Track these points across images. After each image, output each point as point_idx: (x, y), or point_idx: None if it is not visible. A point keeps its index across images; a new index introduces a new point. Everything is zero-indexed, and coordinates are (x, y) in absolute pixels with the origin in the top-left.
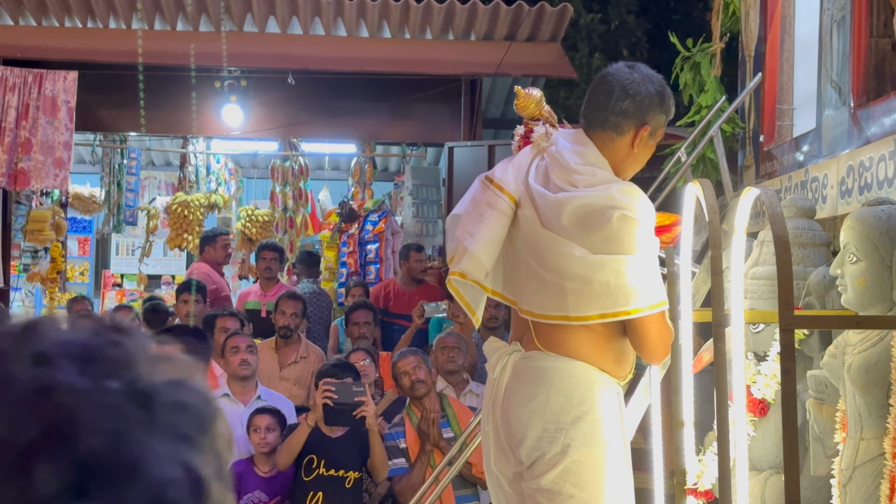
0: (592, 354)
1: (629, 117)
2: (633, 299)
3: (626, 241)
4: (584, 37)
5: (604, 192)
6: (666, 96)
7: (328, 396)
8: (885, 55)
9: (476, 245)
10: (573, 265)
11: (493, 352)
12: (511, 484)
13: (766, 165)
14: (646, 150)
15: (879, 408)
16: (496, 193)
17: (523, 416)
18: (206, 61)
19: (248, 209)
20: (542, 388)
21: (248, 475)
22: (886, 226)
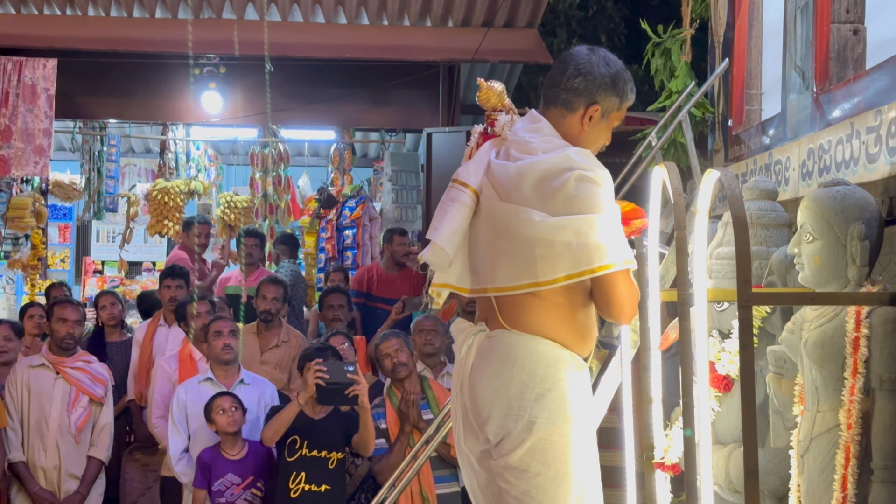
0: (555, 331)
1: (579, 94)
2: (598, 257)
3: (584, 201)
4: (563, 22)
5: (560, 154)
6: (620, 80)
7: (320, 376)
8: (847, 41)
9: (439, 236)
10: (534, 230)
11: (459, 332)
12: (480, 462)
13: (735, 149)
14: (598, 132)
15: (835, 381)
16: (458, 189)
17: (488, 395)
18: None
19: (228, 195)
20: (506, 367)
21: (217, 460)
22: (841, 206)
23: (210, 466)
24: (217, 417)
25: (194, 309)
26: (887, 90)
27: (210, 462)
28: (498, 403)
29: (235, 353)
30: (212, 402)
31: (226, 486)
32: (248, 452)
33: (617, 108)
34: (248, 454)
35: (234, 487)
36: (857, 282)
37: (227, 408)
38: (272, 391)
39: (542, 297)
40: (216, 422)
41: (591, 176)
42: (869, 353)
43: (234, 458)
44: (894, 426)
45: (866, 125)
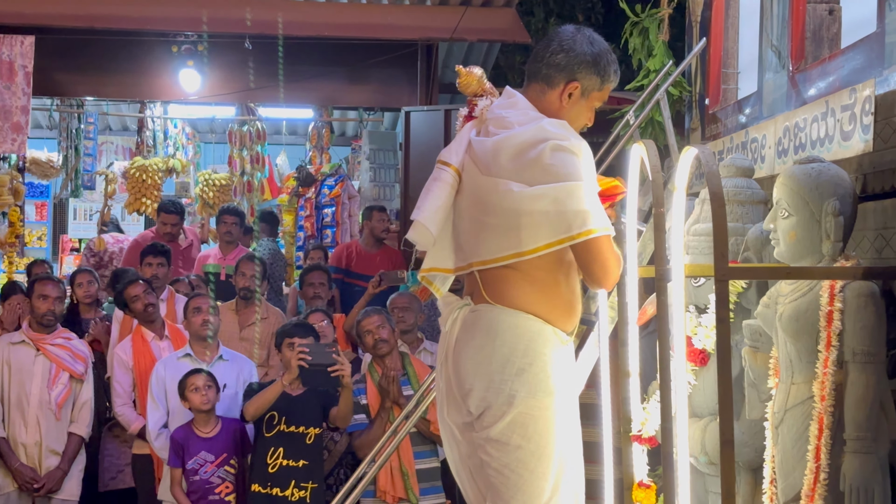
0: (538, 306)
1: (560, 70)
2: (577, 223)
3: (560, 169)
4: (540, 1)
5: (535, 126)
6: (602, 60)
7: (303, 358)
8: (823, 20)
9: (422, 214)
10: (514, 201)
11: (445, 306)
12: (462, 433)
13: (712, 128)
14: (577, 110)
15: (809, 354)
16: (441, 168)
17: (471, 368)
18: (163, 25)
19: (206, 173)
20: (489, 340)
21: (190, 439)
22: (816, 182)
23: (183, 445)
24: (191, 395)
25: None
26: (861, 69)
27: (183, 441)
28: (480, 377)
29: (215, 330)
30: (186, 379)
31: (199, 464)
32: (221, 430)
33: (598, 87)
34: (221, 431)
35: (207, 465)
36: (831, 257)
37: (201, 386)
38: (251, 368)
39: (525, 272)
40: (190, 399)
41: (566, 145)
42: (842, 327)
43: (207, 435)
44: (866, 398)
45: (841, 103)
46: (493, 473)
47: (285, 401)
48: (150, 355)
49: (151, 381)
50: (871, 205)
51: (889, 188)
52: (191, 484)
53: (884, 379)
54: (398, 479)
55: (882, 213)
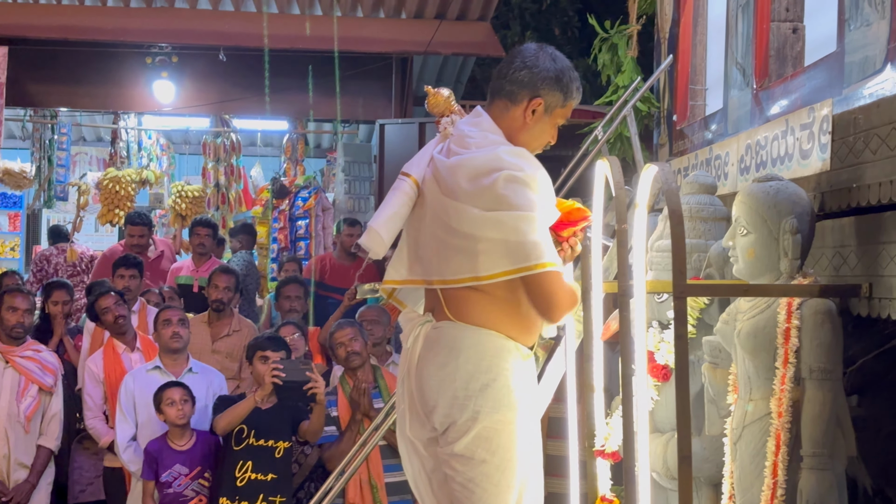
0: (500, 323)
1: (523, 87)
2: (535, 255)
3: (513, 200)
4: (517, 15)
5: (491, 153)
6: (565, 77)
7: (277, 375)
8: (787, 39)
9: (376, 221)
10: (472, 226)
11: (407, 322)
12: (427, 448)
13: (679, 144)
14: (541, 127)
15: (766, 371)
16: (401, 178)
17: (434, 385)
18: (138, 37)
19: (179, 185)
20: (452, 357)
21: (164, 451)
22: (774, 200)
23: (157, 458)
24: (166, 409)
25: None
26: (822, 88)
27: (157, 453)
28: (444, 393)
29: (184, 342)
30: (162, 392)
31: (174, 477)
32: (196, 443)
33: (561, 104)
34: (196, 444)
35: (182, 478)
36: (789, 274)
37: (177, 400)
38: (220, 380)
39: (486, 291)
40: (165, 413)
41: (521, 176)
42: (799, 344)
43: (182, 448)
44: (823, 415)
45: (800, 122)
46: (457, 488)
47: (255, 414)
48: (121, 367)
49: (120, 394)
50: (828, 223)
51: (846, 207)
52: (164, 497)
53: (840, 396)
54: (367, 491)
55: (839, 231)
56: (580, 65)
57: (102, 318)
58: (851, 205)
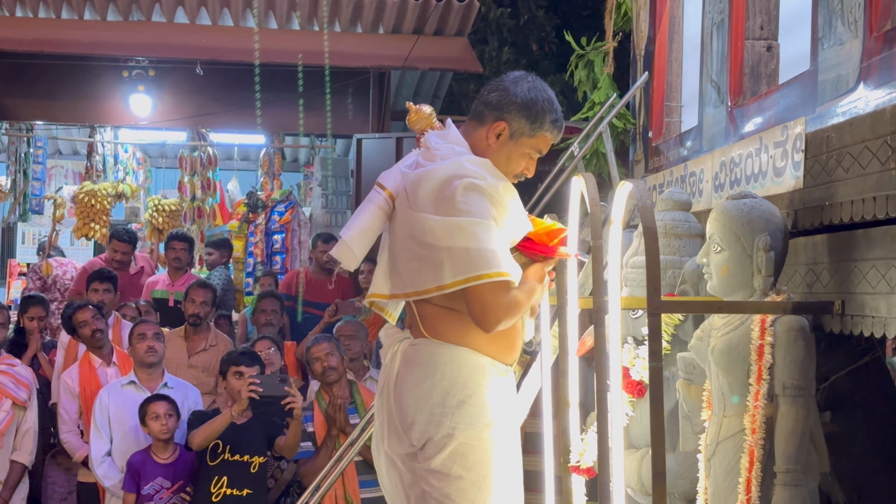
0: (476, 341)
1: (491, 108)
2: (494, 263)
3: (471, 207)
4: (494, 31)
5: (454, 161)
6: (536, 107)
7: (254, 389)
8: (761, 56)
9: (348, 234)
10: (434, 235)
11: (386, 338)
12: (405, 463)
13: (655, 160)
14: (507, 153)
15: (740, 387)
16: (376, 190)
17: (412, 401)
18: (114, 50)
19: (156, 199)
20: (428, 374)
21: (147, 464)
22: (748, 218)
23: (139, 470)
24: (151, 423)
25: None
26: (795, 106)
27: (140, 466)
28: (421, 410)
29: (160, 356)
30: (147, 405)
31: (155, 490)
32: (179, 456)
33: (528, 133)
34: (179, 458)
35: (163, 491)
36: (762, 291)
37: (162, 414)
38: (196, 395)
39: (461, 309)
40: (149, 426)
41: (481, 185)
42: (773, 361)
43: (165, 461)
44: (796, 431)
45: (774, 140)
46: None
47: (230, 429)
48: (96, 382)
49: (95, 409)
50: (802, 240)
51: (819, 224)
52: None
53: (814, 412)
54: None
55: (812, 248)
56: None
57: (79, 331)
58: (824, 222)
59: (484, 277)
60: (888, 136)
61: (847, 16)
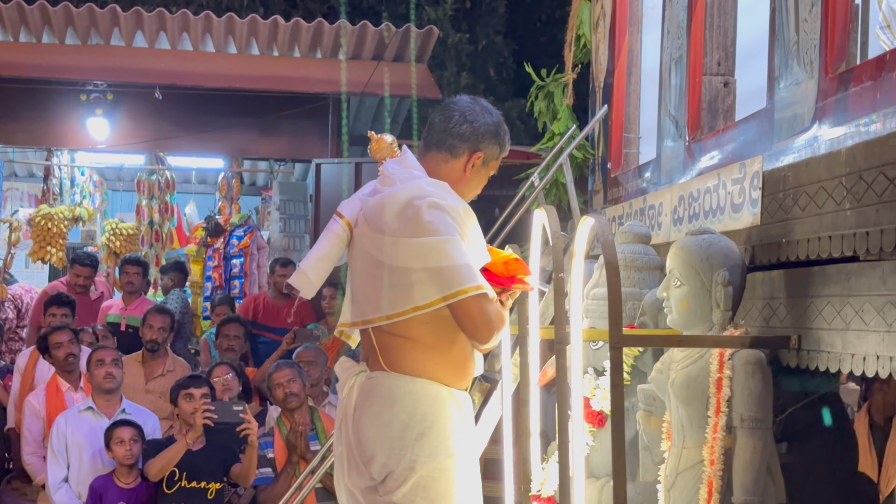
0: (433, 370)
1: (465, 141)
2: (469, 279)
3: (437, 226)
4: (452, 56)
5: (413, 184)
6: (501, 129)
7: (209, 416)
8: (718, 92)
9: (306, 262)
10: (402, 258)
11: (342, 371)
12: (365, 496)
13: (613, 191)
14: (478, 178)
15: (699, 419)
16: (334, 219)
17: (371, 435)
18: (72, 74)
19: (113, 223)
20: (387, 407)
21: (109, 489)
22: (707, 253)
23: (101, 494)
24: (115, 447)
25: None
26: (752, 143)
27: (102, 490)
28: (381, 443)
29: (118, 383)
30: (112, 430)
31: None
32: (142, 482)
33: (496, 156)
34: (141, 483)
35: None
36: (721, 325)
37: (126, 439)
38: (154, 421)
39: (417, 338)
40: (114, 451)
41: (443, 204)
42: (731, 393)
43: (128, 486)
44: (754, 462)
45: (732, 177)
46: None
47: (186, 455)
48: (62, 405)
49: (52, 435)
50: (759, 275)
51: (776, 260)
52: None
53: (771, 444)
54: None
55: (770, 283)
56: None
57: (53, 352)
58: (781, 259)
59: (464, 292)
60: (843, 177)
61: (803, 56)
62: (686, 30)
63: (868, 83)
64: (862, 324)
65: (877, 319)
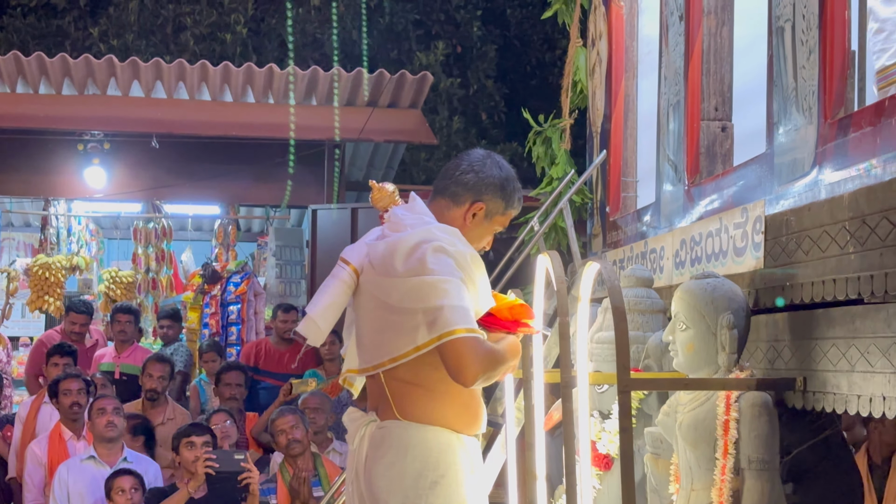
0: (443, 417)
1: (468, 189)
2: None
3: (441, 268)
4: (445, 100)
5: (424, 228)
6: (509, 186)
7: (210, 465)
8: (716, 137)
9: (314, 309)
10: (408, 299)
11: (351, 422)
12: None
13: (612, 234)
14: (480, 231)
15: (707, 461)
16: (340, 266)
17: (384, 485)
18: (69, 124)
19: (112, 271)
20: (399, 457)
21: None
22: (711, 297)
23: None
24: (116, 497)
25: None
26: (753, 187)
27: None
28: (394, 493)
29: (119, 431)
30: (113, 480)
31: None
32: None
33: (501, 211)
34: None
35: None
36: (726, 368)
37: (127, 489)
38: (155, 470)
39: (427, 386)
40: (115, 501)
41: (450, 249)
42: (738, 435)
43: None
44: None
45: (733, 221)
46: None
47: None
48: (65, 454)
49: (54, 484)
50: (763, 318)
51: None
52: None
53: (778, 485)
54: None
55: (773, 326)
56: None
57: (61, 398)
58: (785, 302)
59: (456, 333)
60: (846, 221)
61: (801, 102)
62: (683, 75)
63: (868, 129)
64: (868, 365)
65: (882, 361)
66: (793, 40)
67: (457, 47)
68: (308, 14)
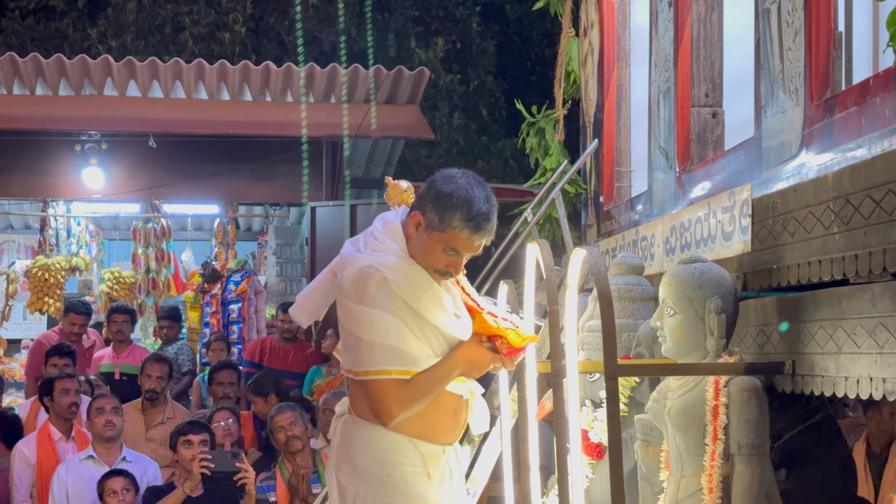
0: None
1: (419, 199)
2: (376, 361)
3: (382, 301)
4: (445, 97)
5: (377, 255)
6: (449, 203)
7: (205, 465)
8: (707, 123)
9: (301, 293)
10: (352, 322)
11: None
12: None
13: (606, 224)
14: (423, 245)
15: (697, 447)
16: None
17: (341, 478)
18: (66, 125)
19: (114, 271)
20: (351, 452)
21: None
22: (699, 282)
23: None
24: (108, 499)
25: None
26: (741, 171)
27: None
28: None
29: (118, 430)
30: (104, 481)
31: None
32: None
33: (437, 227)
34: None
35: None
36: (715, 353)
37: (119, 489)
38: (154, 469)
39: None
40: (107, 502)
41: (394, 280)
42: (727, 421)
43: None
44: (752, 489)
45: (721, 205)
46: None
47: (185, 502)
48: (54, 454)
49: (53, 485)
50: (751, 302)
51: (768, 287)
52: None
53: (769, 470)
54: None
55: (762, 310)
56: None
57: (56, 397)
58: (773, 285)
59: (383, 373)
60: (830, 201)
61: (788, 84)
62: (673, 63)
63: (853, 109)
64: (854, 346)
65: (868, 342)
66: (779, 22)
67: (456, 44)
68: (307, 12)
